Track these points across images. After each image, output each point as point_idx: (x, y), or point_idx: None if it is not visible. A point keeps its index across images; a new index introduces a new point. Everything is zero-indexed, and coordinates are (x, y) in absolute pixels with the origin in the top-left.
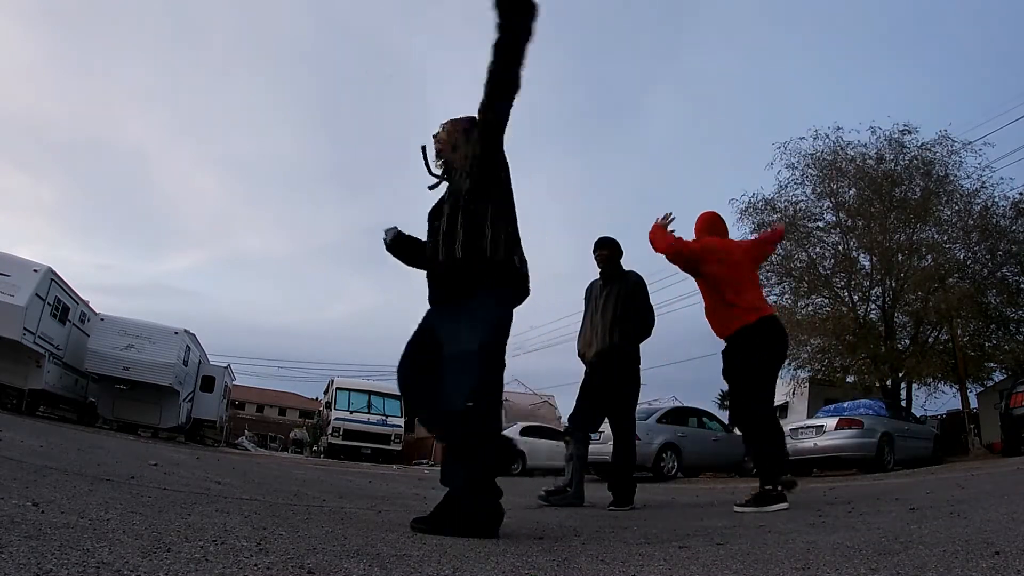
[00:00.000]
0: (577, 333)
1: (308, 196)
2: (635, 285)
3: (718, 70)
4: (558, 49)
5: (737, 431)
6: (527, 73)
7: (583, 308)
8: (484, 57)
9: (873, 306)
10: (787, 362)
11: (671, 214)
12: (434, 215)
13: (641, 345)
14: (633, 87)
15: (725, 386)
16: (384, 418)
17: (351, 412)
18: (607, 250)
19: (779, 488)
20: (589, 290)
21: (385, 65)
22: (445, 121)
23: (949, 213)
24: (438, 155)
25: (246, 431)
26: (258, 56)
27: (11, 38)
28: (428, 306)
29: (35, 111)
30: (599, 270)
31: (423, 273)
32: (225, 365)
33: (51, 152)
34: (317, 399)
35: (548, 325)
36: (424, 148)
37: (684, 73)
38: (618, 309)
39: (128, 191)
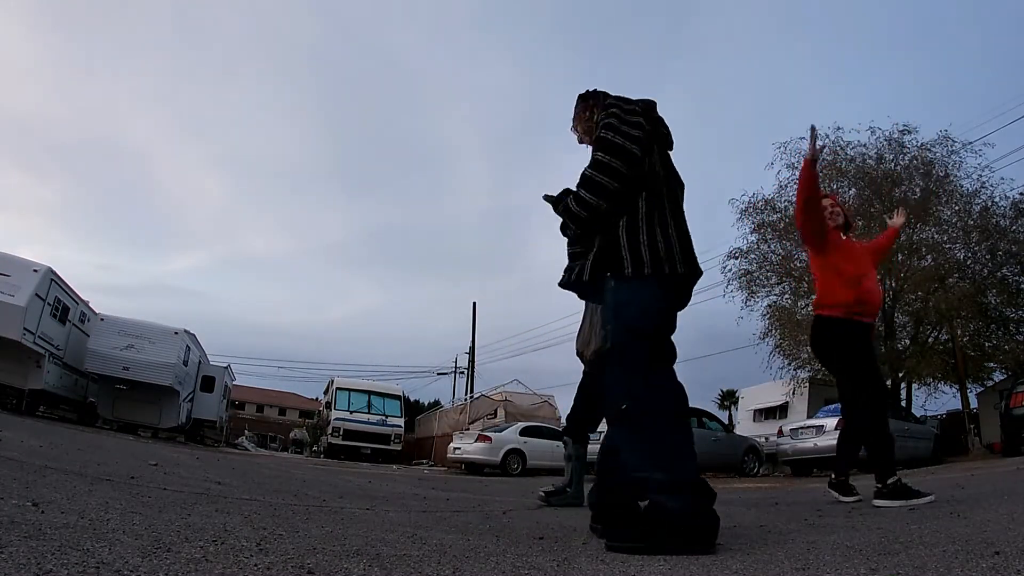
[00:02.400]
0: (576, 332)
1: (310, 196)
2: None
3: (719, 70)
4: (562, 49)
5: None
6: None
7: (583, 307)
8: (486, 60)
9: None
10: (787, 362)
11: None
12: None
13: None
14: (636, 87)
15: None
16: (384, 418)
17: (351, 412)
18: None
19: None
20: None
21: (387, 65)
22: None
23: (949, 213)
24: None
25: (246, 431)
26: (261, 56)
27: (14, 38)
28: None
29: (38, 111)
30: None
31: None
32: (225, 365)
33: (53, 152)
34: (317, 399)
35: (548, 325)
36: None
37: (686, 73)
38: None
39: (130, 191)
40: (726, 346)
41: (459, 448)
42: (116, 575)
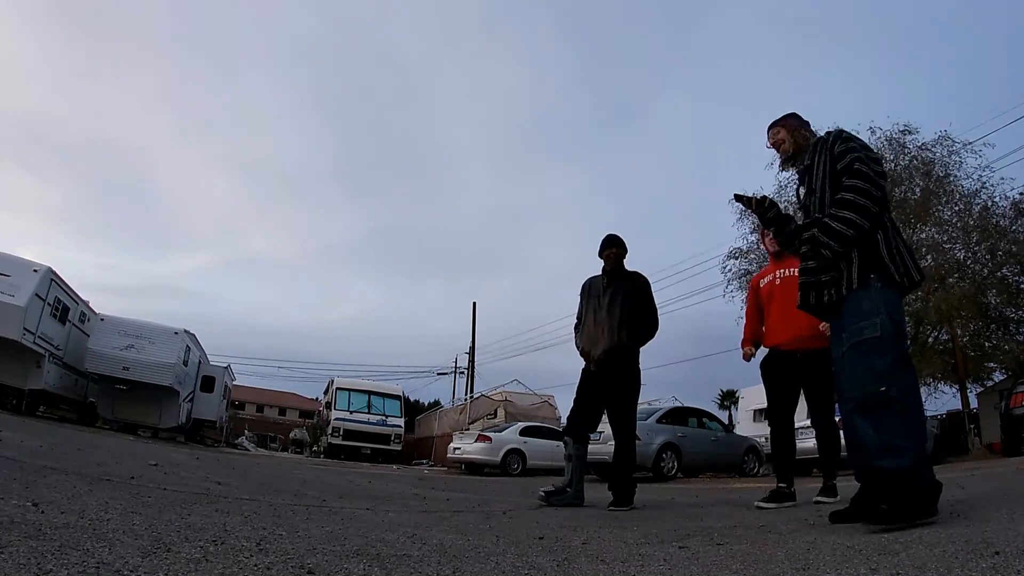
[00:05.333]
0: (573, 329)
1: (311, 197)
2: (643, 286)
3: (719, 71)
4: (567, 52)
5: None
6: None
7: (581, 303)
8: (489, 59)
9: None
10: None
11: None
12: None
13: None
14: (640, 90)
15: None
16: (384, 418)
17: (351, 412)
18: (618, 248)
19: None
20: (587, 286)
21: (391, 66)
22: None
23: (949, 213)
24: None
25: (246, 431)
26: (263, 57)
27: (16, 38)
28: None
29: (40, 111)
30: (604, 268)
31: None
32: (225, 365)
33: (56, 153)
34: (317, 399)
35: (549, 325)
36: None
37: (687, 75)
38: (626, 309)
39: (132, 192)
40: (726, 346)
41: (459, 448)
42: (116, 575)
